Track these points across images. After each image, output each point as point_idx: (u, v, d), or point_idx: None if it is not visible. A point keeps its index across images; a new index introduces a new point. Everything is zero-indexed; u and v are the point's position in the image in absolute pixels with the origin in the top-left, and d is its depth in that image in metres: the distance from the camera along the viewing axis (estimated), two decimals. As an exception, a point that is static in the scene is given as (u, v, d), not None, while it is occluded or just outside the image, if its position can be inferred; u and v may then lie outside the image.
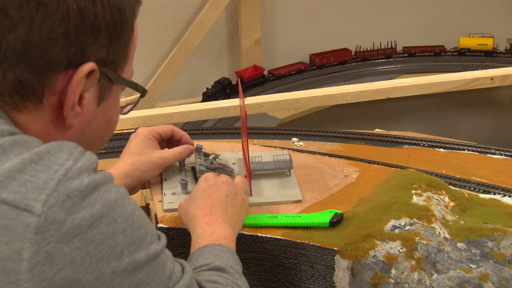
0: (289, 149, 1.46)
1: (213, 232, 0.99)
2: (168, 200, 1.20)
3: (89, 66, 0.68)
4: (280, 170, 1.27)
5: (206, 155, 1.30)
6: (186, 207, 1.06)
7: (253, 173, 1.24)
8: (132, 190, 1.20)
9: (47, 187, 0.60)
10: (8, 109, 0.68)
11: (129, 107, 0.84)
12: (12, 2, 0.64)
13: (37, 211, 0.59)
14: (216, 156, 1.31)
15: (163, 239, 0.72)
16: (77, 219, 0.60)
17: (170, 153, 1.22)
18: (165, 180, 1.27)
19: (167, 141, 1.26)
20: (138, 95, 0.83)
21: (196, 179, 1.23)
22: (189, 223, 1.04)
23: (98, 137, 0.78)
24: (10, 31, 0.64)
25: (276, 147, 1.46)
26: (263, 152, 1.37)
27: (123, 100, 0.85)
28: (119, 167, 1.17)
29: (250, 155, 1.25)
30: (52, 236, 0.59)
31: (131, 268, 0.64)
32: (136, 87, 0.79)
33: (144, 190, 1.31)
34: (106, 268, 0.62)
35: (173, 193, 1.22)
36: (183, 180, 1.22)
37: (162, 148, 1.24)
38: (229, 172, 1.26)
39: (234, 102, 1.99)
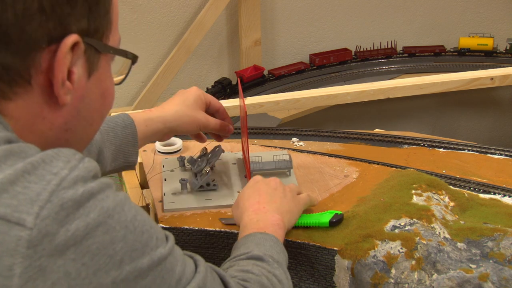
0: (289, 149, 1.46)
1: (259, 220, 0.97)
2: (168, 200, 1.20)
3: (72, 38, 0.65)
4: (280, 170, 1.27)
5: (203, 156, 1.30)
6: (236, 204, 1.06)
7: (253, 173, 1.24)
8: (163, 137, 1.18)
9: (39, 199, 0.57)
10: None
11: (122, 76, 0.80)
12: None
13: (29, 224, 0.56)
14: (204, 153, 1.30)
15: (171, 240, 0.69)
16: (70, 230, 0.57)
17: (214, 120, 1.20)
18: (165, 180, 1.27)
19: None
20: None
21: (196, 180, 1.23)
22: (239, 216, 1.03)
23: (96, 112, 0.74)
24: None
25: (276, 147, 1.46)
26: (263, 152, 1.37)
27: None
28: (163, 111, 1.15)
29: (250, 155, 1.25)
30: (45, 249, 0.56)
31: (133, 276, 0.61)
32: (125, 54, 0.75)
33: (144, 190, 1.31)
34: (105, 278, 0.59)
35: (173, 193, 1.22)
36: (183, 180, 1.22)
37: None
38: (216, 154, 1.26)
39: (234, 102, 1.98)
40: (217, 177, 1.28)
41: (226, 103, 2.01)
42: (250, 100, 1.99)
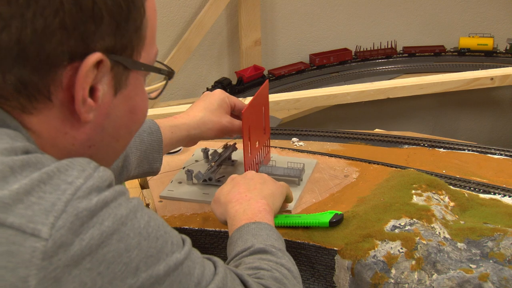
0: (289, 149, 1.46)
1: (246, 209, 0.96)
2: (169, 187, 1.21)
3: (95, 57, 0.63)
4: (289, 178, 1.24)
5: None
6: (216, 200, 1.04)
7: None
8: (188, 143, 1.19)
9: (54, 209, 0.56)
10: (17, 113, 0.64)
11: (157, 91, 0.79)
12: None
13: (45, 235, 0.55)
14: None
15: (188, 243, 0.68)
16: (85, 239, 0.57)
17: (239, 123, 1.21)
18: (183, 168, 1.28)
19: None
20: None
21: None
22: (223, 212, 1.01)
23: (123, 128, 0.72)
24: (2, 30, 0.60)
25: (276, 147, 1.46)
26: (284, 156, 1.36)
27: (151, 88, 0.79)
28: (187, 118, 1.16)
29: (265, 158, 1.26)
30: (60, 260, 0.55)
31: (149, 283, 0.60)
32: (158, 70, 0.73)
33: (144, 190, 1.31)
34: (121, 286, 0.59)
35: (179, 182, 1.24)
36: (189, 171, 1.23)
37: None
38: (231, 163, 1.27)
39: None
40: (228, 175, 1.27)
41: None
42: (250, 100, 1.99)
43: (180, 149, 1.44)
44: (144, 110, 0.74)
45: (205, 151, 1.34)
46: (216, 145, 1.39)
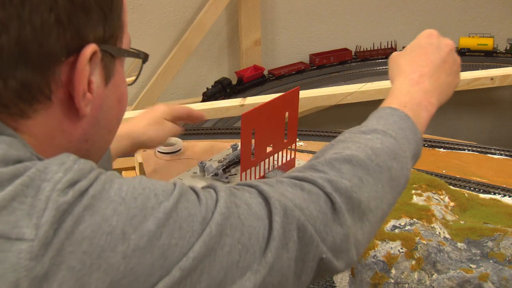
0: (289, 149, 1.45)
1: (409, 92, 0.88)
2: (181, 176, 1.24)
3: (90, 48, 0.63)
4: None
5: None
6: (398, 58, 0.95)
7: (267, 176, 1.24)
8: (132, 151, 1.22)
9: (36, 210, 0.56)
10: (15, 119, 0.64)
11: (133, 77, 0.80)
12: None
13: (30, 236, 0.55)
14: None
15: (178, 187, 0.63)
16: (63, 226, 0.56)
17: (177, 127, 1.26)
18: (211, 159, 1.31)
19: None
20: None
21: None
22: (394, 75, 0.93)
23: (114, 119, 0.73)
24: (1, 34, 0.60)
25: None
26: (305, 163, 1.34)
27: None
28: (130, 128, 1.19)
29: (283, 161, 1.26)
30: (47, 256, 0.55)
31: (143, 242, 0.58)
32: (137, 55, 0.74)
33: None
34: (113, 256, 0.57)
35: (194, 172, 1.25)
36: (201, 163, 1.25)
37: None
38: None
39: (234, 102, 1.99)
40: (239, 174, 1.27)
41: (226, 103, 2.01)
42: (250, 100, 1.99)
43: (180, 150, 1.43)
44: (127, 97, 0.75)
45: (235, 146, 1.36)
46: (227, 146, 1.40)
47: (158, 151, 1.40)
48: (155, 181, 0.63)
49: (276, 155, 1.26)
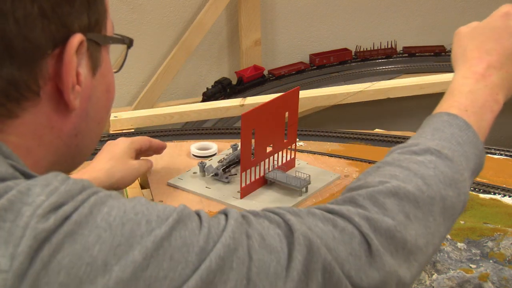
0: (289, 149, 1.46)
1: (472, 91, 0.77)
2: (181, 176, 1.23)
3: (77, 39, 0.60)
4: (292, 187, 1.21)
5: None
6: (465, 39, 0.85)
7: (268, 177, 1.23)
8: None
9: (13, 238, 0.51)
10: (2, 120, 0.60)
11: (118, 64, 0.75)
12: None
13: (4, 267, 0.51)
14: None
15: (178, 211, 0.57)
16: (40, 255, 0.51)
17: (146, 163, 1.23)
18: (219, 161, 1.29)
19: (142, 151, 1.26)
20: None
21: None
22: (456, 61, 0.83)
23: (103, 110, 0.69)
24: None
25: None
26: (310, 166, 1.33)
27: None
28: (94, 172, 1.14)
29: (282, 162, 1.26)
30: (20, 287, 0.51)
31: (127, 273, 0.52)
32: (122, 40, 0.70)
33: (144, 190, 1.31)
34: None
35: (194, 172, 1.25)
36: (201, 163, 1.25)
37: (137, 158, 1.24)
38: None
39: (234, 102, 1.99)
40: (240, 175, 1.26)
41: (226, 103, 2.01)
42: (250, 100, 1.99)
43: (215, 154, 1.40)
44: (114, 86, 0.71)
45: (235, 147, 1.34)
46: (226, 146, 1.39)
47: (193, 155, 1.37)
48: (153, 205, 0.57)
49: (276, 155, 1.26)
